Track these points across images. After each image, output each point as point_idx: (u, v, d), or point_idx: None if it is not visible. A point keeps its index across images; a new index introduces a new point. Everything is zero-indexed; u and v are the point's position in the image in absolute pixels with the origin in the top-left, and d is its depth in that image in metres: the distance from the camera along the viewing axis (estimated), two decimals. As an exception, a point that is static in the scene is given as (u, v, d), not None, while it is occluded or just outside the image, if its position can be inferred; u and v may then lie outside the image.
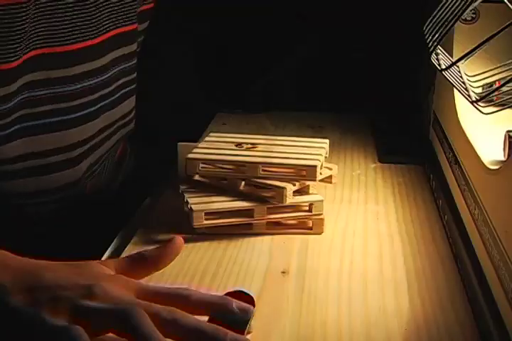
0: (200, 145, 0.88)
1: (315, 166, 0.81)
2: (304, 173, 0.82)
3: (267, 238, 0.81)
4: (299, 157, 0.84)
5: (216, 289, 0.69)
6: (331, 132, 1.25)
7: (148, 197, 0.97)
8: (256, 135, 0.94)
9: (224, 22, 1.43)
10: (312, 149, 0.87)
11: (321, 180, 0.86)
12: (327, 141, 0.91)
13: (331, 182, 0.88)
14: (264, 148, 0.87)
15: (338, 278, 0.72)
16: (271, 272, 0.73)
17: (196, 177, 0.84)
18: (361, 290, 0.70)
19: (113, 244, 0.83)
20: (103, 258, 0.79)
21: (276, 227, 0.83)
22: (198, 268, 0.74)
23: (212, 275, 0.72)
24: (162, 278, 0.72)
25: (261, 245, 0.80)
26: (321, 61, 1.47)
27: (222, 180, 0.84)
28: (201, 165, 0.83)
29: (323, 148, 0.88)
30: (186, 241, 0.80)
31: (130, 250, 0.78)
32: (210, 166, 0.84)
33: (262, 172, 0.82)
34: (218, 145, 0.88)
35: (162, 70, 1.34)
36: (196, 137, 1.11)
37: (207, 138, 0.91)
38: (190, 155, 0.84)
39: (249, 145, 0.88)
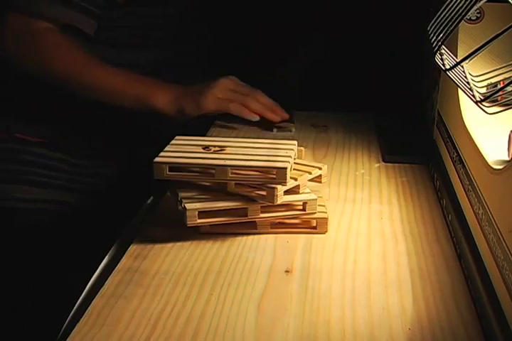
0: (166, 148, 0.86)
1: (285, 168, 0.80)
2: (274, 176, 0.80)
3: (270, 237, 0.82)
4: (268, 159, 0.82)
5: (220, 288, 0.70)
6: (335, 131, 1.26)
7: (148, 197, 0.97)
8: (224, 138, 0.93)
9: (226, 23, 1.44)
10: (281, 151, 0.85)
11: (311, 180, 0.86)
12: (295, 142, 0.90)
13: (320, 182, 0.87)
14: (233, 151, 0.85)
15: (342, 278, 0.72)
16: (274, 271, 0.73)
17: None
18: (365, 290, 0.70)
19: (114, 243, 0.83)
20: (104, 258, 0.80)
21: (281, 226, 0.83)
22: (202, 267, 0.74)
23: (216, 274, 0.73)
24: (167, 276, 0.72)
25: (265, 244, 0.80)
26: (325, 61, 1.47)
27: None
28: (169, 168, 0.81)
29: (291, 150, 0.86)
30: (190, 239, 0.80)
31: (131, 250, 0.78)
32: (178, 170, 0.82)
33: (232, 175, 0.80)
34: (185, 149, 0.86)
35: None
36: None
37: (173, 142, 0.89)
38: (157, 159, 0.82)
39: (217, 148, 0.86)
